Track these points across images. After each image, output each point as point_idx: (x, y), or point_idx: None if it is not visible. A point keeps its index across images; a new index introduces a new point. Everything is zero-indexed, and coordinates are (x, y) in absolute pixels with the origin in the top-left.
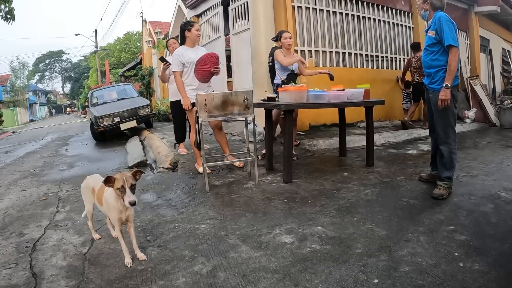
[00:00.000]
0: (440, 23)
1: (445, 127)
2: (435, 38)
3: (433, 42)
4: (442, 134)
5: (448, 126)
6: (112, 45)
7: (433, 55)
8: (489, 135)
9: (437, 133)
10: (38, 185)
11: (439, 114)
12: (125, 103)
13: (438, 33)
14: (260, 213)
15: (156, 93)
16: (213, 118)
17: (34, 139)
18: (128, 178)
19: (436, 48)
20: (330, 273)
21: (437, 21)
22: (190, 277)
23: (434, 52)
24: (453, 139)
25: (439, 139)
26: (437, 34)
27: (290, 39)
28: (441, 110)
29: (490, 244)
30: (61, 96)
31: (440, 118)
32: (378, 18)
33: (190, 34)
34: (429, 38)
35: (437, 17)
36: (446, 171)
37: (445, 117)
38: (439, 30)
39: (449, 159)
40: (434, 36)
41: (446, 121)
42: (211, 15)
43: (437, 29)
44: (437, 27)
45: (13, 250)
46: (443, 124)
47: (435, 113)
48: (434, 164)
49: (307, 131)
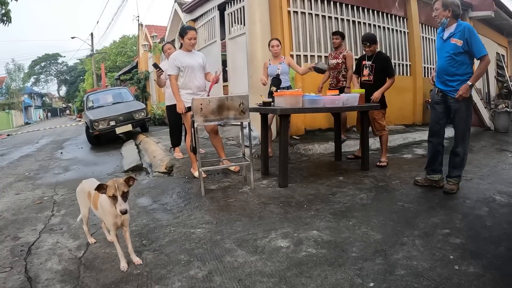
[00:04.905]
0: (470, 33)
1: (465, 130)
2: (463, 47)
3: (460, 51)
4: (461, 137)
5: (467, 130)
6: (108, 49)
7: (459, 64)
8: (484, 139)
9: (457, 136)
10: (33, 189)
11: (463, 118)
12: (120, 107)
13: (468, 44)
14: (256, 218)
15: (151, 97)
16: (208, 122)
17: (29, 142)
18: (120, 185)
19: (462, 57)
20: (326, 277)
21: (467, 31)
22: (186, 282)
23: (460, 62)
24: (468, 141)
25: (458, 142)
26: (466, 44)
27: (277, 47)
28: (463, 117)
29: (485, 247)
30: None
31: (463, 123)
32: (374, 23)
33: (183, 42)
34: (455, 47)
35: (464, 26)
36: (457, 170)
37: (467, 121)
38: (469, 41)
39: (463, 159)
40: (462, 45)
41: (467, 125)
42: (207, 20)
43: (467, 39)
44: (467, 37)
45: (7, 254)
46: (464, 128)
47: (458, 117)
48: (430, 168)
49: (302, 135)
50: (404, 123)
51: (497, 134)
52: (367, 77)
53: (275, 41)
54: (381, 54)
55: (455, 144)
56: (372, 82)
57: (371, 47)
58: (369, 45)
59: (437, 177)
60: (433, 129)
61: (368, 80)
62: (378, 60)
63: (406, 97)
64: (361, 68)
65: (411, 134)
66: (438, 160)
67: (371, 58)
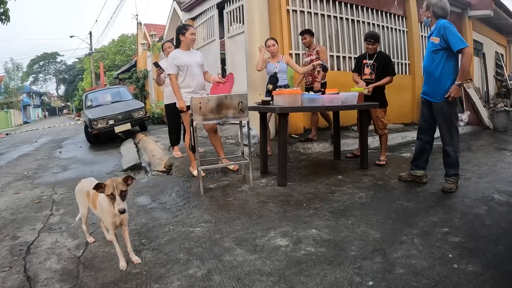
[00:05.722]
0: (445, 29)
1: (450, 128)
2: (440, 44)
3: (437, 49)
4: (447, 136)
5: (453, 128)
6: (107, 48)
7: (438, 61)
8: (483, 138)
9: (442, 135)
10: (32, 188)
11: (444, 116)
12: (119, 106)
13: (444, 40)
14: (255, 216)
15: (150, 96)
16: (207, 121)
17: (27, 141)
18: (118, 185)
19: (439, 55)
20: (325, 275)
21: (441, 28)
22: (185, 281)
23: (439, 59)
24: (457, 139)
25: (445, 141)
26: (443, 40)
27: (273, 46)
28: (446, 116)
29: (484, 246)
30: (55, 98)
31: (444, 121)
32: (373, 22)
33: (184, 38)
34: (432, 44)
35: (439, 24)
36: (453, 169)
37: (449, 119)
38: (445, 37)
39: (455, 158)
40: (438, 42)
41: (450, 123)
42: (206, 18)
43: (442, 35)
44: (443, 33)
45: (7, 253)
46: (448, 126)
47: (441, 117)
48: (414, 163)
49: (301, 134)
50: (403, 122)
51: (496, 133)
52: (369, 76)
53: (270, 41)
54: (382, 54)
55: (444, 143)
56: (374, 81)
57: (375, 45)
58: (373, 43)
59: (419, 173)
60: (422, 127)
61: (370, 79)
62: (380, 59)
63: (405, 96)
64: (362, 67)
65: (410, 133)
66: (423, 157)
67: (372, 57)
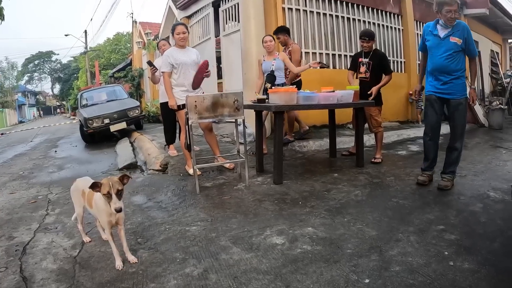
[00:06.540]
0: (468, 33)
1: (463, 127)
2: (461, 46)
3: (459, 50)
4: (460, 133)
5: (465, 126)
6: (102, 46)
7: (457, 61)
8: (478, 135)
9: (456, 130)
10: (27, 188)
11: (461, 112)
12: (115, 105)
13: (466, 43)
14: (251, 215)
15: (146, 95)
16: (203, 119)
17: (23, 141)
18: (114, 184)
19: (459, 55)
20: (321, 273)
21: (466, 31)
22: (182, 280)
23: (458, 59)
24: (464, 135)
25: (456, 136)
26: (465, 43)
27: (270, 42)
28: (463, 112)
29: (479, 243)
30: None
31: (460, 117)
32: (368, 20)
33: (174, 39)
34: (455, 45)
35: (462, 25)
36: (453, 166)
37: (465, 118)
38: (468, 41)
39: (459, 154)
40: (461, 44)
41: (465, 121)
42: (201, 16)
43: (466, 38)
44: (466, 36)
45: (2, 254)
46: (463, 124)
47: (459, 113)
48: (432, 165)
49: (297, 132)
50: (398, 119)
51: (491, 131)
52: (364, 74)
53: (268, 37)
54: (378, 52)
55: (454, 140)
56: (368, 79)
57: (369, 43)
58: (367, 40)
59: (431, 172)
60: (434, 128)
61: (365, 77)
62: (375, 57)
63: (400, 94)
64: (358, 65)
65: (405, 130)
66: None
67: (368, 55)
